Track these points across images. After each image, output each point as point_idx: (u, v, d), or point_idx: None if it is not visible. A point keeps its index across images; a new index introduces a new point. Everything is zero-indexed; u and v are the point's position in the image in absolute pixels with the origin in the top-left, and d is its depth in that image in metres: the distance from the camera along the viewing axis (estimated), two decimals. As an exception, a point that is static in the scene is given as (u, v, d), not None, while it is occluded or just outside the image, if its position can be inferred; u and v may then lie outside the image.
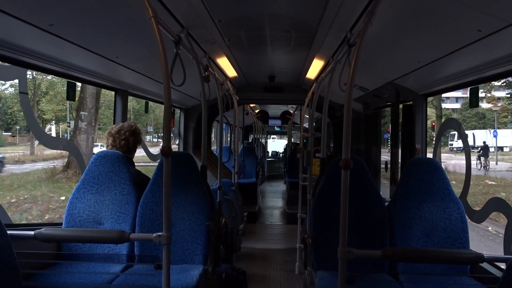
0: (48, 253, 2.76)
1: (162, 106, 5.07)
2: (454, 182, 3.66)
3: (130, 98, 4.19)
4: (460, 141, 24.20)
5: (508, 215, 2.96)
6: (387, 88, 4.16)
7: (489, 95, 28.40)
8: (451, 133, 26.75)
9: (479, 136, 25.60)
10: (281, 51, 4.30)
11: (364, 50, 1.89)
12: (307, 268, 3.41)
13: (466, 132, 26.31)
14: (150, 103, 5.25)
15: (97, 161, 2.98)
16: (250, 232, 6.70)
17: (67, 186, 12.19)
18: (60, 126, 22.80)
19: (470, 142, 24.89)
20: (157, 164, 3.12)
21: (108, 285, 2.52)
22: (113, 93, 4.06)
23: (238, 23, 3.25)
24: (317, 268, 2.97)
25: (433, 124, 26.27)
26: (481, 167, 20.23)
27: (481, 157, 20.96)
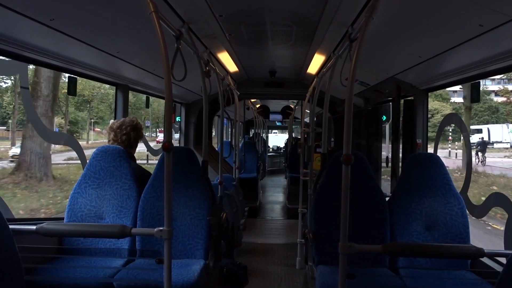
0: (50, 248, 2.78)
1: (160, 100, 5.04)
2: (495, 188, 3.53)
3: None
4: (474, 136, 23.18)
5: (509, 210, 2.97)
6: (388, 83, 4.15)
7: (501, 87, 27.44)
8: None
9: (494, 131, 24.56)
10: (282, 46, 4.29)
11: (365, 45, 1.89)
12: (308, 263, 3.43)
13: (480, 126, 25.49)
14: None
15: (98, 156, 2.99)
16: (251, 227, 6.72)
17: (10, 194, 9.78)
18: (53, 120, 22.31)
19: (485, 137, 23.93)
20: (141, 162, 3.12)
21: (109, 279, 2.53)
22: (105, 85, 4.05)
23: (239, 17, 3.24)
24: (318, 263, 2.98)
25: (449, 117, 25.44)
26: (478, 161, 20.06)
27: (479, 153, 20.73)
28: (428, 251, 2.13)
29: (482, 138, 22.60)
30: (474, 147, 21.67)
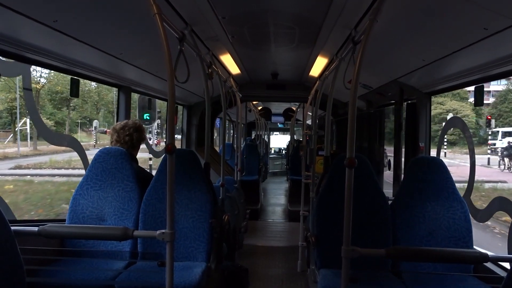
0: (52, 250, 2.77)
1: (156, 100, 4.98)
2: None
3: (114, 89, 4.14)
4: (505, 139, 21.88)
5: (513, 214, 2.94)
6: (391, 86, 4.14)
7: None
8: (492, 130, 24.18)
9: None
10: (284, 48, 4.29)
11: (369, 47, 1.88)
12: (310, 266, 3.41)
13: (509, 129, 23.65)
14: (138, 96, 5.20)
15: (101, 158, 2.99)
16: (252, 230, 6.70)
17: None
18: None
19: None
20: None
21: (111, 281, 2.53)
22: (88, 81, 3.96)
23: (241, 19, 3.24)
24: (320, 266, 2.97)
25: (489, 117, 24.14)
26: (504, 167, 18.77)
27: (505, 158, 19.17)
28: (431, 256, 2.12)
29: (509, 142, 20.93)
30: (500, 151, 20.10)
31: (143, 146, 3.57)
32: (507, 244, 2.96)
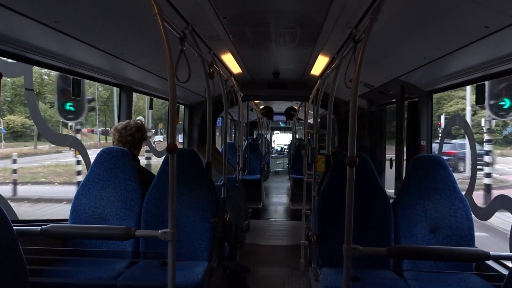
0: (54, 249, 2.78)
1: (145, 97, 4.93)
2: None
3: (98, 85, 4.10)
4: None
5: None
6: (392, 85, 4.14)
7: None
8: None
9: None
10: (285, 48, 4.29)
11: (370, 46, 1.88)
12: (312, 265, 3.42)
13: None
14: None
15: (102, 158, 3.00)
16: (254, 229, 6.71)
17: None
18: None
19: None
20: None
21: (113, 281, 2.53)
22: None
23: (243, 19, 3.24)
24: (322, 265, 2.97)
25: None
26: None
27: None
28: (433, 254, 2.12)
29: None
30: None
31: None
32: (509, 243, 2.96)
